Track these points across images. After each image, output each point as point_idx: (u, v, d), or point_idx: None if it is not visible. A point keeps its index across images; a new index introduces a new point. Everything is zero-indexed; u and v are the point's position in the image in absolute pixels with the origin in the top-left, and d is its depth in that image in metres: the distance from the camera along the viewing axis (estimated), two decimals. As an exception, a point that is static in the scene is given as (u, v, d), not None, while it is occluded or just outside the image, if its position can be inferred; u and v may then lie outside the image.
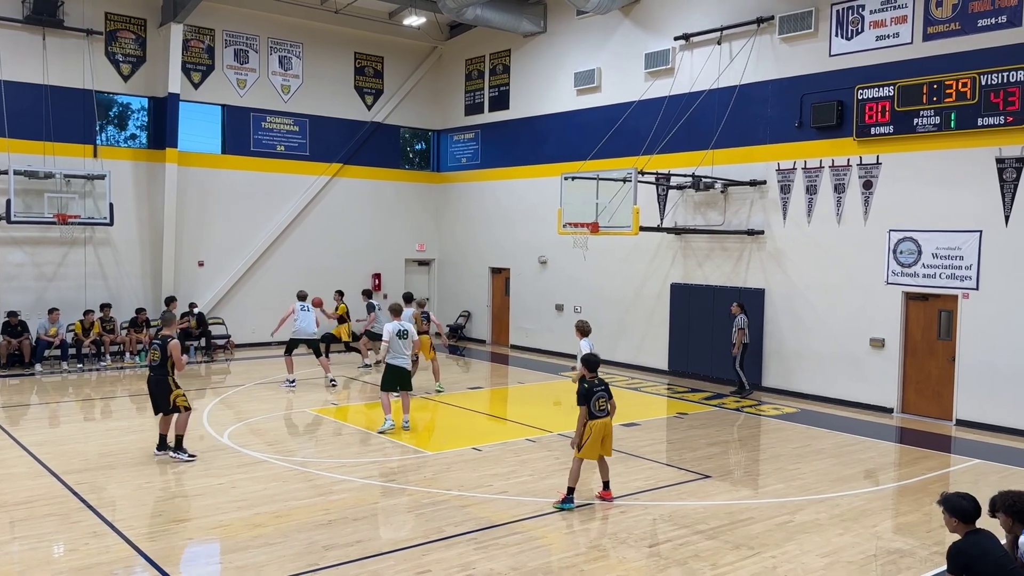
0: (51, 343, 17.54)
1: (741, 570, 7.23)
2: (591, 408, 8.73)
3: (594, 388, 8.80)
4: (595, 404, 8.75)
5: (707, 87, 16.79)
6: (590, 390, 8.77)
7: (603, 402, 8.82)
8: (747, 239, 16.43)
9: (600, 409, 8.79)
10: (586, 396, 8.74)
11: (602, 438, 8.82)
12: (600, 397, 8.80)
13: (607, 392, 8.92)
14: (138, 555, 7.36)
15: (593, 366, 8.96)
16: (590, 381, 8.86)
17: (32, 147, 18.11)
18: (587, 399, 8.74)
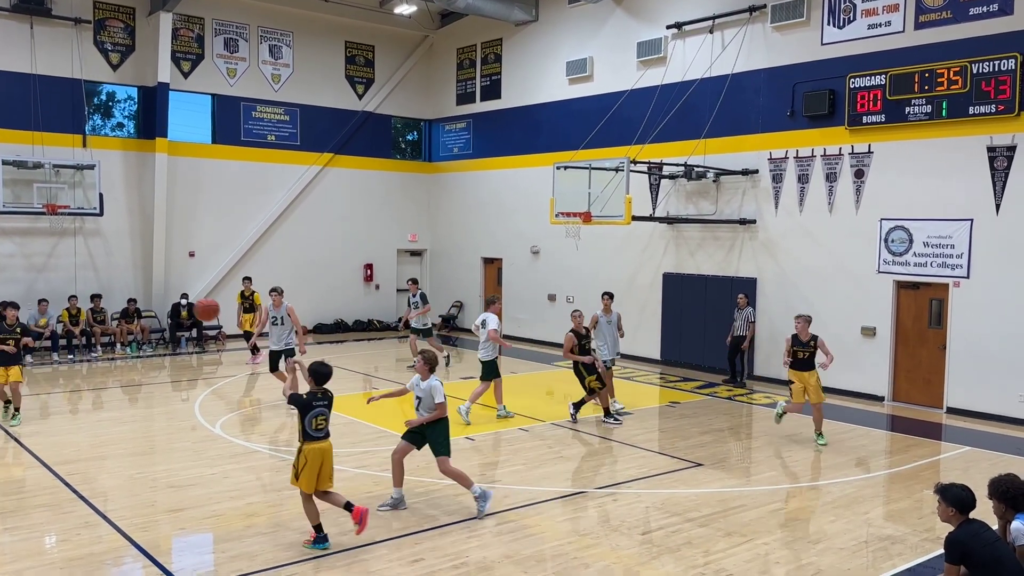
0: (41, 334, 17.44)
1: (733, 557, 7.26)
2: (307, 428, 7.22)
3: (314, 402, 7.27)
4: (312, 423, 7.23)
5: (699, 76, 16.76)
6: (308, 403, 7.22)
7: (323, 420, 7.31)
8: (739, 228, 16.44)
9: (317, 429, 7.26)
10: (301, 406, 7.23)
11: (321, 464, 7.25)
12: (320, 414, 7.30)
13: (327, 407, 7.37)
14: (131, 545, 7.34)
15: (322, 378, 7.43)
16: (311, 392, 7.34)
17: (21, 137, 17.98)
18: (303, 411, 7.21)
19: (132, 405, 13.65)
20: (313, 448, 7.21)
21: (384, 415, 13.35)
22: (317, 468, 7.22)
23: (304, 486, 7.25)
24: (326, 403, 7.35)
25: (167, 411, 13.30)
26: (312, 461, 7.19)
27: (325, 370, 7.49)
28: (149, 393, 14.51)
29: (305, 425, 7.22)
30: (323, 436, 7.30)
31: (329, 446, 7.36)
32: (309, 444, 7.22)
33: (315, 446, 7.22)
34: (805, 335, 11.28)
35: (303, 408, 7.22)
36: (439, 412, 8.32)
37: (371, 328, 23.27)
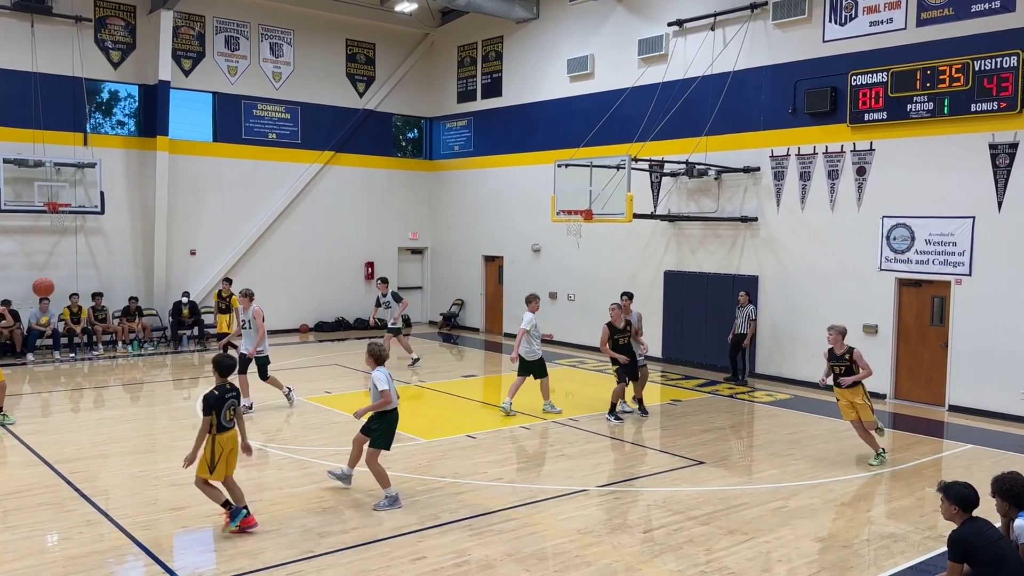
0: (43, 332, 17.45)
1: (736, 555, 7.26)
2: (221, 420, 7.49)
3: (226, 395, 7.57)
4: (226, 415, 7.53)
5: (701, 73, 16.74)
6: (221, 397, 7.52)
7: (232, 411, 7.62)
8: (740, 226, 16.43)
9: (230, 420, 7.59)
10: (216, 404, 7.47)
11: (229, 452, 7.58)
12: (232, 406, 7.61)
13: (237, 399, 7.72)
14: (132, 543, 7.34)
15: (226, 370, 7.70)
16: (221, 387, 7.61)
17: (22, 135, 17.97)
18: (217, 407, 7.47)
19: (134, 403, 13.65)
20: (227, 437, 7.55)
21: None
22: (228, 455, 7.56)
23: (219, 476, 7.54)
24: (235, 395, 7.69)
25: (169, 409, 13.30)
26: (227, 448, 7.53)
27: (229, 362, 7.78)
28: (151, 391, 14.52)
29: (220, 418, 7.49)
30: (233, 426, 7.65)
31: (236, 434, 7.69)
32: (223, 434, 7.52)
33: (227, 435, 7.56)
34: (839, 347, 10.18)
35: (217, 403, 7.50)
36: (384, 400, 8.42)
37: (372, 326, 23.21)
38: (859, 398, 10.17)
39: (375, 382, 8.47)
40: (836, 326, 10.37)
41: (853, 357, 10.12)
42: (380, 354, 8.60)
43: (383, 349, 8.73)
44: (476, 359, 19.44)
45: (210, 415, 7.47)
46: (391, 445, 8.58)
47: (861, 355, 10.19)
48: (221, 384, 7.64)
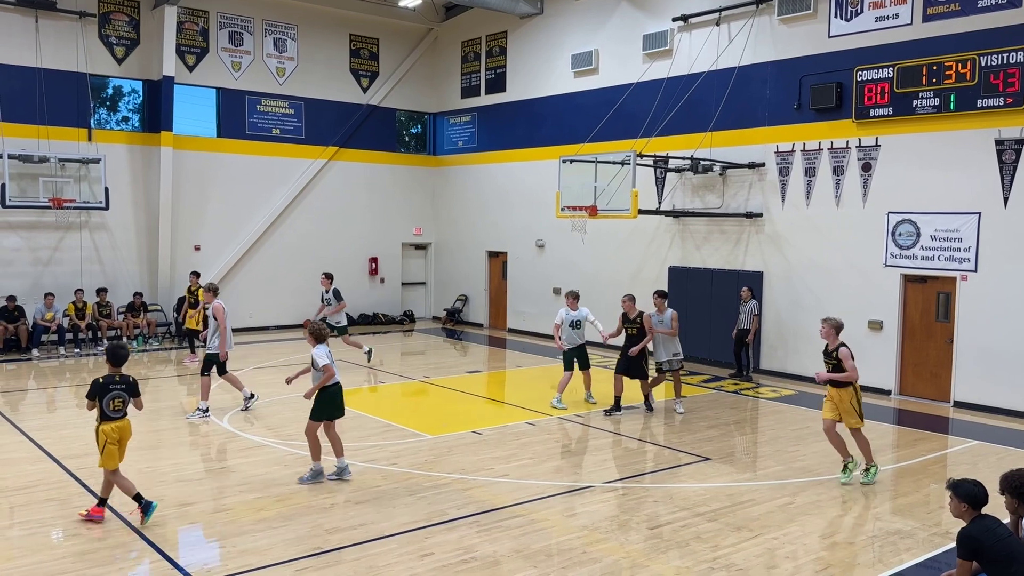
0: (48, 328, 17.48)
1: (743, 552, 7.26)
2: (104, 409, 7.55)
3: (110, 385, 7.56)
4: (110, 404, 7.55)
5: (706, 69, 16.71)
6: (104, 386, 7.53)
7: (120, 402, 7.61)
8: (745, 222, 16.41)
9: (115, 410, 7.59)
10: (99, 391, 7.53)
11: (119, 440, 7.65)
12: (118, 397, 7.58)
13: (125, 391, 7.64)
14: (140, 539, 7.36)
15: (117, 360, 7.71)
16: (108, 376, 7.62)
17: (26, 131, 17.97)
18: (100, 395, 7.53)
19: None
20: (111, 426, 7.59)
21: (391, 409, 13.40)
22: (117, 445, 7.62)
23: (108, 464, 7.61)
24: (123, 387, 7.66)
25: (174, 405, 13.30)
26: (111, 438, 7.57)
27: (121, 352, 7.84)
28: (156, 387, 14.53)
29: (103, 406, 7.56)
30: (120, 416, 7.66)
31: (127, 424, 7.72)
32: (106, 423, 7.58)
33: (113, 424, 7.60)
34: (832, 342, 9.37)
35: (100, 391, 7.55)
36: (325, 375, 8.85)
37: (376, 322, 23.27)
38: (846, 400, 9.18)
39: (315, 358, 8.91)
40: (830, 319, 9.52)
41: (839, 355, 9.17)
42: (319, 332, 9.13)
43: (323, 328, 9.26)
44: (480, 355, 19.45)
45: (91, 400, 7.59)
46: (335, 416, 9.07)
47: (848, 356, 9.13)
48: (111, 374, 7.68)
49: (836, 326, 9.40)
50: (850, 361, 9.12)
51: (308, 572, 6.69)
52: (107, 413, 7.58)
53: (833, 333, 9.38)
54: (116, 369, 7.71)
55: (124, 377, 7.72)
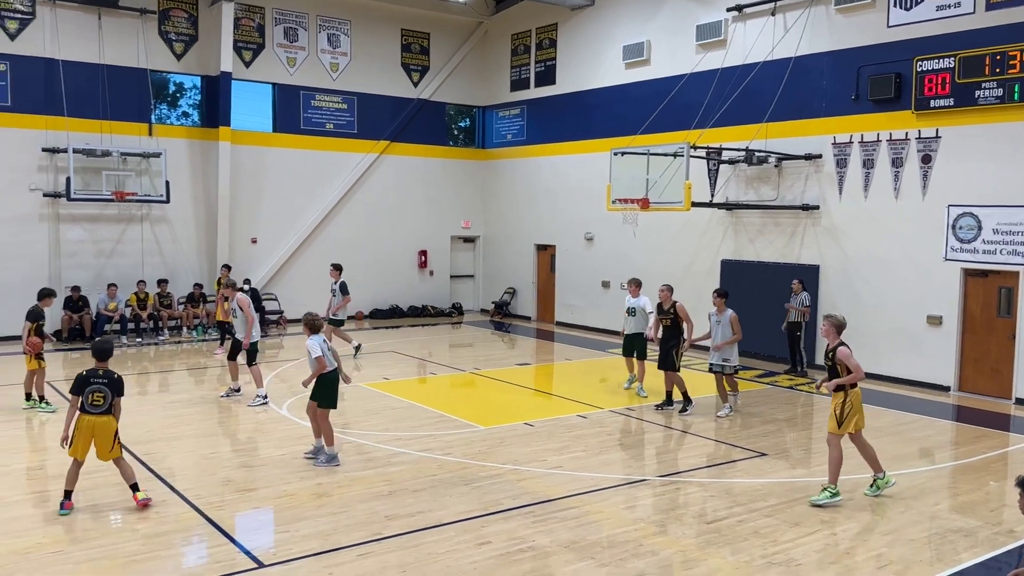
0: (111, 318, 18.02)
1: (802, 547, 7.22)
2: (84, 402, 7.64)
3: (90, 379, 7.65)
4: (89, 398, 7.62)
5: (761, 59, 16.50)
6: (85, 380, 7.65)
7: (100, 397, 7.64)
8: (801, 214, 16.19)
9: (93, 404, 7.64)
10: (79, 385, 7.66)
11: (92, 439, 7.67)
12: (98, 391, 7.64)
13: (109, 388, 7.70)
14: (207, 523, 7.59)
15: (101, 354, 7.87)
16: (90, 370, 7.73)
17: (90, 126, 18.51)
18: (79, 388, 7.65)
19: (199, 387, 14.02)
20: (84, 420, 7.64)
21: (443, 400, 13.53)
22: (88, 438, 7.66)
23: (74, 452, 7.70)
24: (105, 381, 7.68)
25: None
26: (84, 430, 7.64)
27: (104, 347, 7.95)
28: (215, 375, 14.88)
29: (83, 400, 7.64)
30: (99, 411, 7.66)
31: (105, 422, 7.69)
32: (84, 415, 7.65)
33: (86, 418, 7.64)
34: (832, 341, 8.56)
35: (80, 385, 7.65)
36: (318, 366, 9.18)
37: (425, 314, 23.50)
38: (832, 404, 8.47)
39: (309, 349, 9.24)
40: (832, 316, 8.69)
41: (837, 356, 8.37)
42: (313, 323, 9.44)
43: (316, 318, 9.55)
44: (528, 348, 19.52)
45: (75, 395, 7.69)
46: (337, 403, 9.49)
47: (847, 355, 8.32)
48: (95, 368, 7.78)
49: (838, 324, 8.59)
50: (852, 360, 8.33)
51: (369, 557, 6.83)
52: (86, 406, 7.62)
53: (834, 332, 8.58)
54: (101, 364, 7.80)
55: (108, 372, 7.75)
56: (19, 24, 17.84)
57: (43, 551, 6.84)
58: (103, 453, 7.74)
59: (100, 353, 7.88)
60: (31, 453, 9.92)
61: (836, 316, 8.74)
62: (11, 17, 17.74)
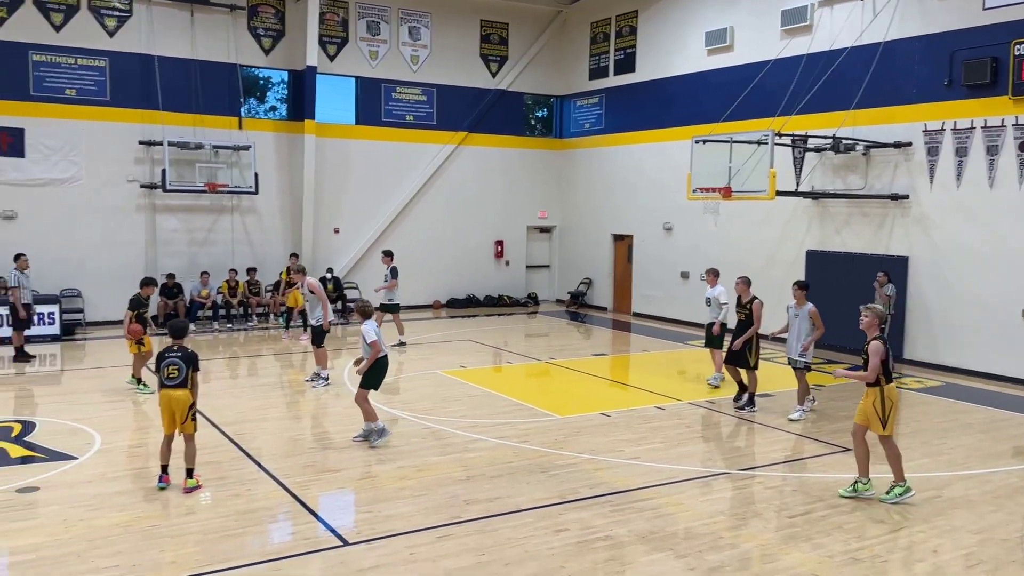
0: (203, 304, 18.77)
1: (887, 543, 7.06)
2: (160, 376, 8.11)
3: (167, 354, 8.13)
4: (164, 372, 8.06)
5: (848, 44, 16.02)
6: (161, 355, 8.15)
7: (175, 370, 8.05)
8: (890, 204, 15.69)
9: (169, 377, 8.04)
10: (157, 362, 8.21)
11: (171, 412, 8.09)
12: (172, 364, 8.05)
13: (183, 361, 8.07)
14: (295, 501, 7.88)
15: (176, 331, 8.37)
16: (167, 348, 8.23)
17: (183, 119, 19.26)
18: (157, 366, 8.18)
19: (285, 372, 14.49)
20: (162, 394, 8.10)
21: (519, 389, 13.65)
22: (169, 412, 8.06)
23: (164, 428, 8.15)
24: (179, 356, 8.10)
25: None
26: (163, 404, 8.09)
27: (179, 324, 8.47)
28: (300, 361, 15.35)
29: (160, 375, 8.11)
30: (173, 384, 8.04)
31: (180, 395, 8.05)
32: (161, 390, 8.11)
33: (164, 392, 8.08)
34: (870, 334, 8.18)
35: (158, 360, 8.17)
36: (374, 350, 9.48)
37: (501, 303, 23.68)
38: (870, 403, 8.04)
39: (364, 334, 9.57)
40: (873, 307, 8.38)
41: (869, 350, 7.98)
42: (365, 309, 9.94)
43: (368, 304, 10.06)
44: (604, 338, 19.48)
45: (156, 372, 8.19)
46: (380, 385, 9.83)
47: (877, 351, 7.91)
48: (170, 345, 8.24)
49: (881, 316, 8.29)
50: (875, 359, 7.86)
51: (449, 540, 6.98)
52: (163, 381, 8.08)
53: (876, 323, 8.21)
54: (177, 341, 8.28)
55: (182, 348, 8.21)
56: (117, 22, 18.68)
57: (141, 524, 7.22)
58: (180, 425, 8.10)
59: (175, 331, 8.37)
60: (132, 432, 10.44)
61: (877, 307, 8.50)
62: (110, 15, 18.59)
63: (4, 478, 8.37)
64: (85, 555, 6.55)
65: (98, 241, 18.57)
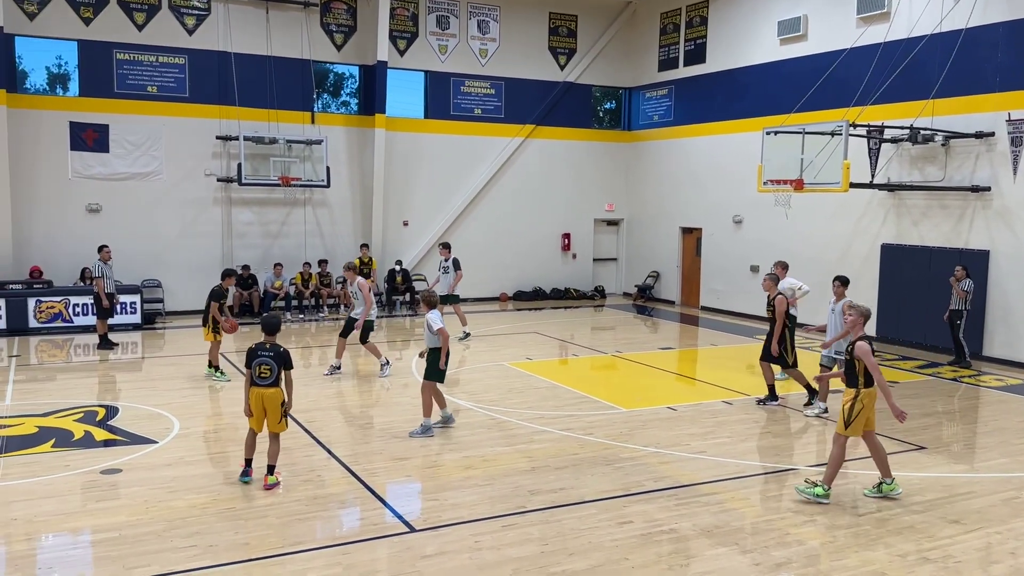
0: (276, 295, 19.29)
1: (961, 544, 6.86)
2: (252, 375, 7.92)
3: (257, 352, 7.92)
4: (256, 370, 7.87)
5: (928, 32, 15.48)
6: (253, 352, 7.94)
7: (267, 369, 7.87)
8: (970, 196, 15.14)
9: (261, 376, 7.88)
10: (248, 358, 7.98)
11: (262, 410, 7.92)
12: (264, 363, 7.88)
13: (274, 360, 7.90)
14: (363, 488, 8.06)
15: (269, 328, 8.11)
16: (258, 344, 7.99)
17: (258, 115, 19.79)
18: (247, 361, 7.98)
19: (353, 362, 14.79)
20: (254, 392, 7.93)
21: (584, 381, 13.65)
22: (260, 410, 7.92)
23: (252, 424, 8.04)
24: (271, 354, 7.92)
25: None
26: (254, 403, 7.92)
27: (272, 320, 8.23)
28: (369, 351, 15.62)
29: (251, 372, 7.94)
30: (266, 384, 7.89)
31: (272, 394, 7.92)
32: (253, 388, 7.94)
33: (256, 391, 7.92)
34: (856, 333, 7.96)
35: (248, 357, 8.00)
36: (443, 337, 9.59)
37: (568, 296, 23.67)
38: (845, 401, 7.75)
39: (430, 323, 9.65)
40: (858, 306, 8.13)
41: (856, 352, 7.67)
42: (431, 299, 9.98)
43: (433, 294, 10.18)
44: (672, 332, 19.31)
45: (248, 368, 8.00)
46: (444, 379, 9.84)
47: (867, 352, 7.62)
48: (263, 342, 8.05)
49: (866, 314, 7.99)
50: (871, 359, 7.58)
51: (513, 529, 7.06)
52: (254, 379, 7.90)
53: (861, 322, 7.97)
54: (270, 338, 8.05)
55: (275, 346, 7.98)
56: (196, 20, 19.28)
57: (217, 507, 7.49)
58: (272, 424, 8.00)
59: (269, 327, 8.15)
60: (209, 418, 10.83)
61: (861, 306, 8.14)
62: (189, 13, 19.20)
63: (89, 460, 8.79)
64: (164, 535, 6.84)
65: (177, 233, 19.26)
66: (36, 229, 18.17)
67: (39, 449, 9.16)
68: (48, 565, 6.37)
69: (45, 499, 7.62)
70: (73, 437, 9.64)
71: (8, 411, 10.79)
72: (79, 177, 18.47)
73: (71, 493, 7.83)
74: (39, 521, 7.14)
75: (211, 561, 6.35)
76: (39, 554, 6.57)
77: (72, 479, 8.19)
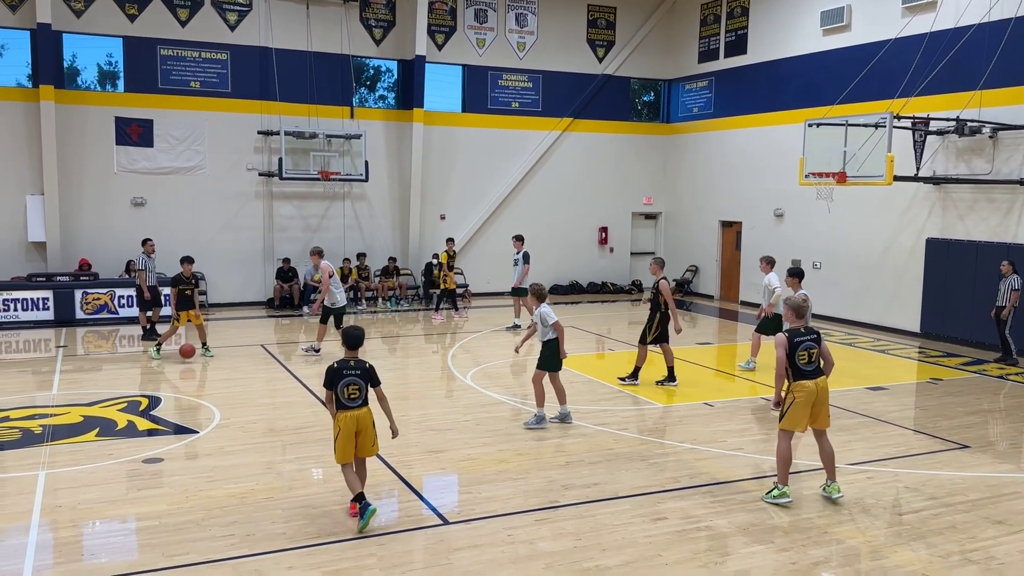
0: (316, 288, 19.44)
1: (1004, 546, 6.70)
2: (339, 397, 6.90)
3: (344, 370, 6.88)
4: (344, 392, 6.88)
5: (976, 21, 15.09)
6: (338, 371, 6.88)
7: (355, 389, 6.88)
8: (1019, 189, 14.75)
9: (350, 398, 6.88)
10: (331, 378, 6.90)
11: (355, 432, 6.92)
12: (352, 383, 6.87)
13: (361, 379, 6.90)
14: (398, 480, 8.13)
15: (352, 341, 7.02)
16: (341, 361, 6.98)
17: (298, 110, 20.00)
18: (332, 382, 6.90)
19: (391, 355, 14.91)
20: (346, 416, 6.87)
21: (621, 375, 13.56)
22: (351, 436, 6.89)
23: (338, 457, 6.95)
24: (358, 372, 6.91)
25: (422, 362, 14.40)
26: (346, 429, 6.87)
27: (355, 333, 7.07)
28: (406, 344, 15.77)
29: (338, 394, 6.89)
30: (357, 405, 6.90)
31: (365, 414, 6.95)
32: (342, 412, 6.90)
33: (348, 414, 6.87)
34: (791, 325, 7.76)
35: (333, 376, 6.88)
36: (558, 330, 9.74)
37: (605, 290, 23.57)
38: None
39: (544, 317, 9.78)
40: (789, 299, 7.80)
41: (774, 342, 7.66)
42: (541, 292, 10.02)
43: (543, 288, 10.17)
44: (710, 327, 19.12)
45: (328, 390, 6.93)
46: (558, 368, 9.96)
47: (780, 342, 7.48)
48: (346, 358, 6.99)
49: (795, 308, 7.69)
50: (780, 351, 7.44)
51: (547, 523, 7.06)
52: (342, 401, 6.88)
53: (792, 316, 7.73)
54: (352, 353, 7.01)
55: (360, 362, 6.98)
56: (238, 16, 19.53)
57: (256, 497, 7.60)
58: (364, 447, 7.01)
59: (351, 340, 7.04)
60: (250, 409, 10.99)
61: (794, 298, 7.86)
62: (231, 9, 19.45)
63: (132, 449, 8.98)
64: (203, 523, 6.97)
65: (219, 227, 19.56)
66: (84, 222, 18.59)
67: (84, 438, 9.38)
68: (92, 551, 6.52)
69: (89, 487, 7.81)
70: (117, 426, 9.86)
71: (55, 400, 11.07)
72: (124, 171, 18.85)
73: (114, 481, 8.01)
74: (83, 508, 7.32)
75: (248, 550, 6.45)
76: (84, 540, 6.73)
77: (115, 467, 8.38)
